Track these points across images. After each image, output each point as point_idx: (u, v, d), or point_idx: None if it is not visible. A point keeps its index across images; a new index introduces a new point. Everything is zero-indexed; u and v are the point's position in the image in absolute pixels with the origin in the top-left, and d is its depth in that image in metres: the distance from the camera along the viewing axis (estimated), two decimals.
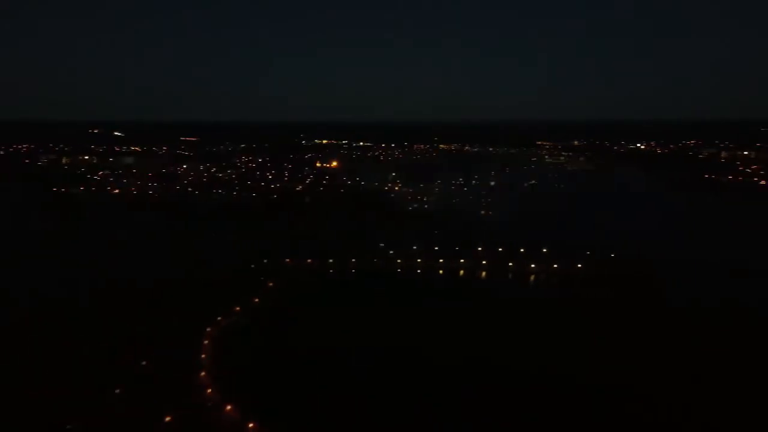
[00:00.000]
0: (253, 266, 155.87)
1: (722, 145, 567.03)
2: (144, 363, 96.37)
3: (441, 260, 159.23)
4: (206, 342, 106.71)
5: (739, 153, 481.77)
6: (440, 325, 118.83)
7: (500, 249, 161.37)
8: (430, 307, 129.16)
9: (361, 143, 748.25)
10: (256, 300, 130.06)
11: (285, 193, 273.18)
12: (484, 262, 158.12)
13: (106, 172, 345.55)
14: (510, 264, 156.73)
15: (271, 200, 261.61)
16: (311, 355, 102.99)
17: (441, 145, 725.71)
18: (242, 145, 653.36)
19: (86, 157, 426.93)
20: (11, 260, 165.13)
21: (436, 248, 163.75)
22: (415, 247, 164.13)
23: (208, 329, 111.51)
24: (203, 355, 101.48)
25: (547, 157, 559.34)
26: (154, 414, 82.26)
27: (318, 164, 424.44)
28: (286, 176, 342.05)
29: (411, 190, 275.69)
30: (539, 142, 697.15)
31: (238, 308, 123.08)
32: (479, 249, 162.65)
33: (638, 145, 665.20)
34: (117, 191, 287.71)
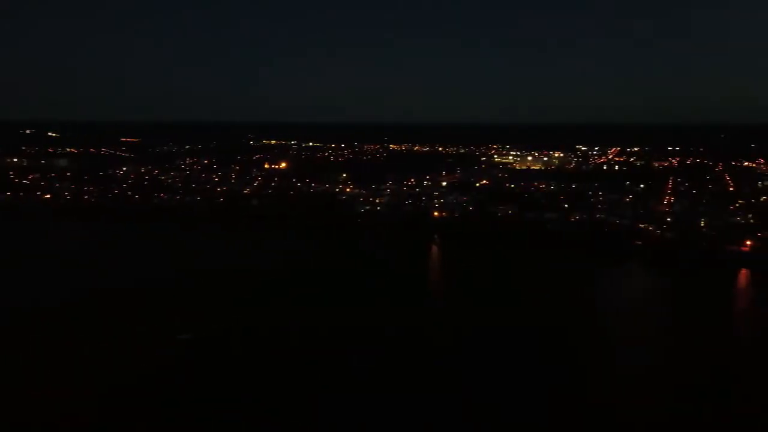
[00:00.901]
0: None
1: None
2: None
3: None
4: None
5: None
6: None
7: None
8: None
9: (311, 143, 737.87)
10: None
11: (231, 197, 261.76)
12: None
13: (37, 175, 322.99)
14: None
15: (217, 204, 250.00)
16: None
17: (391, 146, 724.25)
18: (187, 146, 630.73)
19: (15, 160, 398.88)
20: None
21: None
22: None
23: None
24: None
25: (496, 157, 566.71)
26: None
27: (266, 165, 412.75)
28: (233, 178, 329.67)
29: (363, 192, 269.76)
30: (493, 145, 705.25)
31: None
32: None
33: None
34: (48, 196, 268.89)
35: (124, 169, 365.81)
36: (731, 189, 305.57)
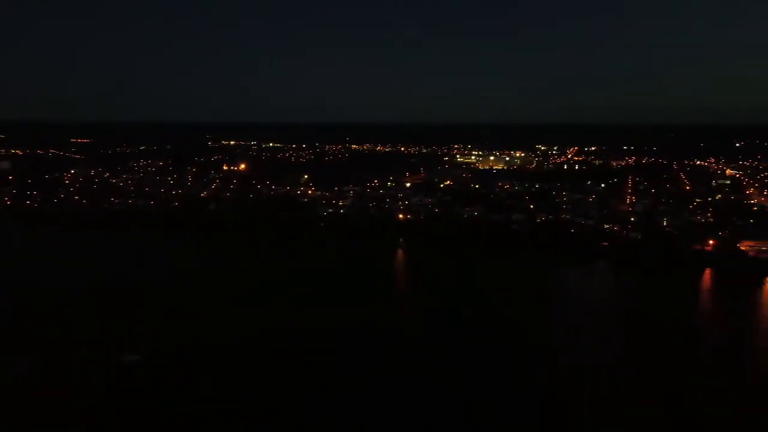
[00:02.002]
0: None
1: None
2: None
3: None
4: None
5: None
6: None
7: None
8: None
9: (271, 144, 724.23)
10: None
11: (187, 201, 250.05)
12: None
13: None
14: None
15: (171, 209, 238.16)
16: None
17: (353, 146, 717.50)
18: (142, 147, 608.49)
19: None
20: None
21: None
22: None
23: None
24: None
25: (458, 157, 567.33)
26: None
27: (225, 167, 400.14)
28: (189, 181, 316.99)
29: (326, 194, 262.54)
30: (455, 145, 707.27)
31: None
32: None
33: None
34: None
35: (73, 171, 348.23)
36: (688, 188, 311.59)
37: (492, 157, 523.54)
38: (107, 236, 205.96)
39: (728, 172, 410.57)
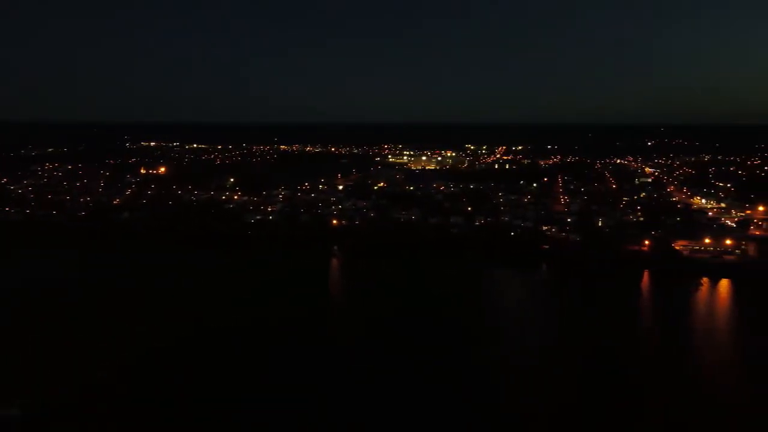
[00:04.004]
0: None
1: None
2: None
3: None
4: None
5: None
6: None
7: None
8: None
9: (195, 145, 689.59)
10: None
11: (97, 209, 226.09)
12: None
13: None
14: None
15: (78, 218, 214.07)
16: None
17: (282, 146, 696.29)
18: (50, 149, 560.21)
19: None
20: None
21: None
22: None
23: None
24: None
25: (390, 157, 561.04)
26: None
27: (143, 171, 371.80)
28: (101, 187, 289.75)
29: (253, 199, 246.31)
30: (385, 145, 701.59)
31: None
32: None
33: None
34: None
35: None
36: (614, 186, 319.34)
37: (424, 157, 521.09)
38: None
39: (647, 170, 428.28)
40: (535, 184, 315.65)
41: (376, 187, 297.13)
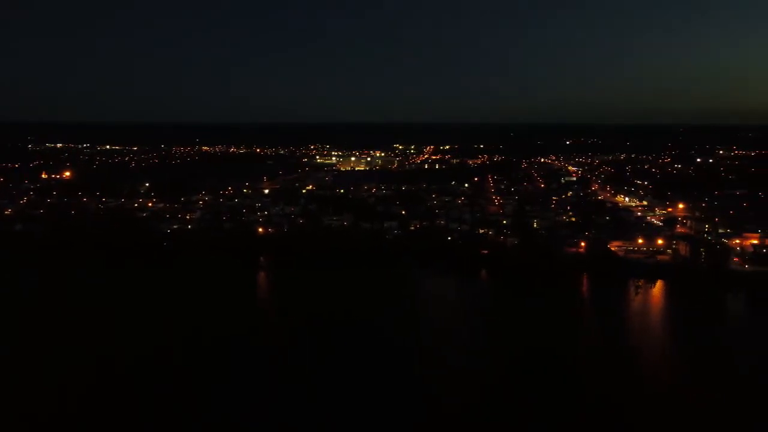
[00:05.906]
0: None
1: None
2: None
3: None
4: None
5: None
6: None
7: None
8: None
9: (108, 146, 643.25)
10: None
11: None
12: None
13: None
14: None
15: None
16: None
17: (204, 147, 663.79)
18: None
19: None
20: None
21: None
22: None
23: None
24: None
25: (317, 158, 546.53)
26: None
27: (44, 175, 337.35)
28: None
29: (171, 206, 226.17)
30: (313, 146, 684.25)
31: None
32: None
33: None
34: None
35: None
36: (543, 186, 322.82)
37: (353, 158, 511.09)
38: None
39: (570, 168, 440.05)
40: (466, 185, 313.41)
41: (304, 191, 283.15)
